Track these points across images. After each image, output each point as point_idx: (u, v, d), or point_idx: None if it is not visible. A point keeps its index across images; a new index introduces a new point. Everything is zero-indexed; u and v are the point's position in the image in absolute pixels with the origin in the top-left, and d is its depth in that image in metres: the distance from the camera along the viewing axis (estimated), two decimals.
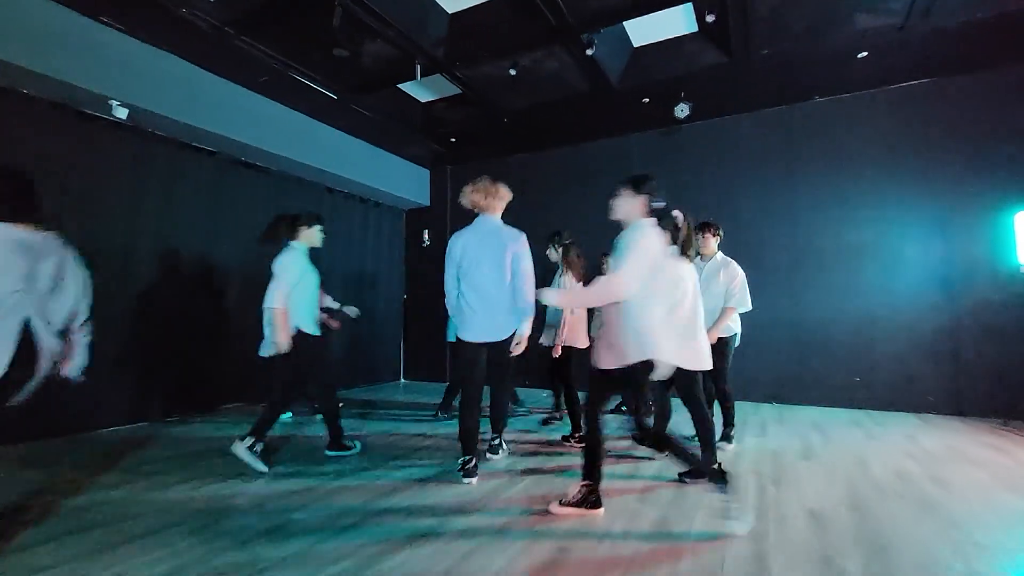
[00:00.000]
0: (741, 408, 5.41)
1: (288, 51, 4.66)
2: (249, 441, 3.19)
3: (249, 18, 4.15)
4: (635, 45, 5.05)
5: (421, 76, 5.01)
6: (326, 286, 7.07)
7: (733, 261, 3.83)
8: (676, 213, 2.75)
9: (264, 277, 3.42)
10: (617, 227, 2.62)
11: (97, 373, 2.83)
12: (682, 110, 5.47)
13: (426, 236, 8.06)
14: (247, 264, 5.69)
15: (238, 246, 5.60)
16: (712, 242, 3.84)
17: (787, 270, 5.79)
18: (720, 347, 3.64)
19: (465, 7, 4.41)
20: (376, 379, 7.59)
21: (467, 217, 3.37)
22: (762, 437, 4.14)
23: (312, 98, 5.52)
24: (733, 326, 3.82)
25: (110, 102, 4.23)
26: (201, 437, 4.13)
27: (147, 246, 4.81)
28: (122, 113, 4.32)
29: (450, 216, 7.94)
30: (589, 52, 4.30)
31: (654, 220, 2.44)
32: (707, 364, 2.93)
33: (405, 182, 7.69)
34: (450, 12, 4.49)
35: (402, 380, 8.06)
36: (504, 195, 3.27)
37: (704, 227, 3.81)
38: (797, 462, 3.44)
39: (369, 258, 7.56)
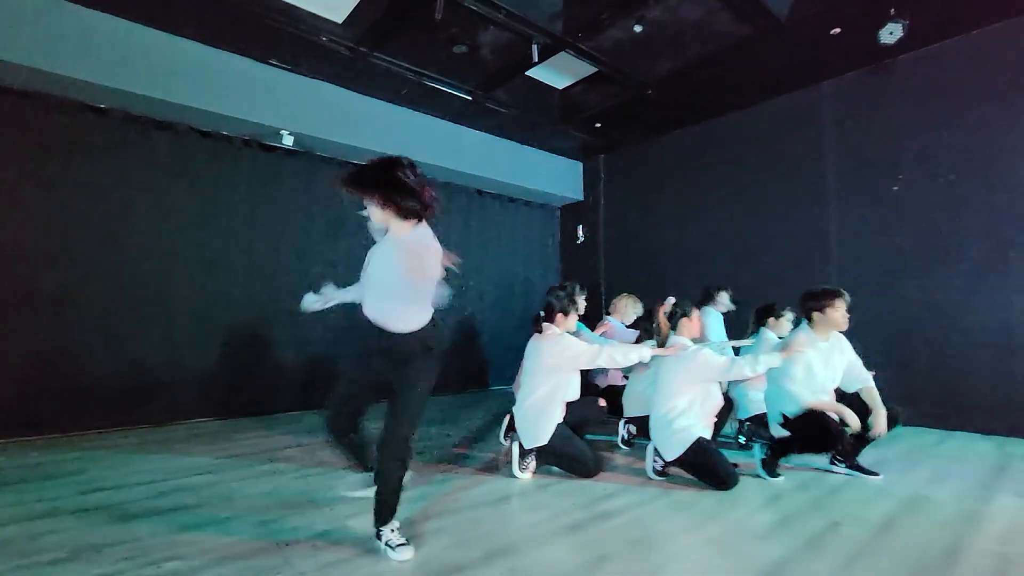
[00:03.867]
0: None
1: (416, 59, 4.79)
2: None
3: (375, 32, 4.37)
4: None
5: (544, 57, 4.68)
6: (477, 290, 7.42)
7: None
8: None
9: None
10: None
11: None
12: (891, 32, 4.01)
13: (580, 232, 7.65)
14: None
15: None
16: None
17: None
18: None
19: None
20: None
21: (623, 209, 3.01)
22: None
23: (450, 103, 5.63)
24: None
25: (280, 132, 4.92)
26: None
27: (316, 262, 5.48)
28: (289, 141, 4.98)
29: (603, 209, 7.39)
30: None
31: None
32: None
33: (556, 178, 7.41)
34: None
35: None
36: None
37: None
38: None
39: (521, 259, 7.49)
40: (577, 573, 1.90)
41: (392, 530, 2.04)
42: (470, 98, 5.51)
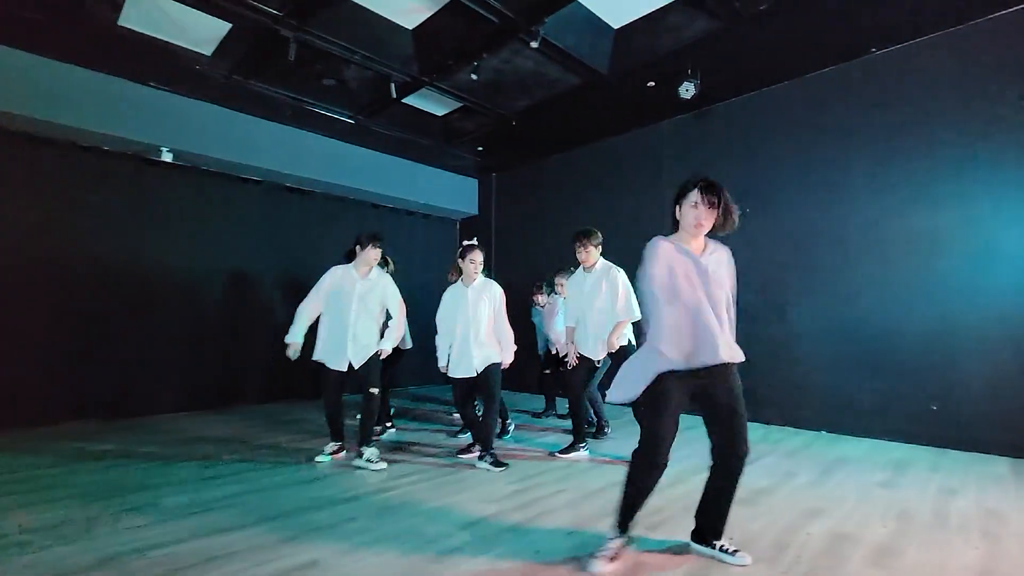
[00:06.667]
0: (786, 435, 4.54)
1: (291, 87, 5.22)
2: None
3: (245, 64, 4.78)
4: (617, 27, 4.61)
5: (407, 92, 5.23)
6: None
7: (616, 268, 3.86)
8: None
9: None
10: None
11: None
12: (687, 90, 4.80)
13: (474, 241, 8.23)
14: (297, 281, 6.52)
15: (287, 264, 6.45)
16: (590, 252, 3.92)
17: (840, 266, 4.70)
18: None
19: (420, 22, 4.50)
20: (429, 380, 8.00)
21: (511, 223, 3.52)
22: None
23: (334, 124, 6.09)
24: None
25: (160, 148, 5.24)
26: None
27: (207, 267, 5.81)
28: (169, 156, 5.31)
29: (495, 221, 8.03)
30: (534, 45, 4.06)
31: None
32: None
33: (453, 194, 7.99)
34: (410, 28, 4.61)
35: None
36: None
37: (578, 237, 3.95)
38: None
39: (418, 270, 7.97)
40: (321, 528, 2.44)
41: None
42: (352, 122, 5.99)
